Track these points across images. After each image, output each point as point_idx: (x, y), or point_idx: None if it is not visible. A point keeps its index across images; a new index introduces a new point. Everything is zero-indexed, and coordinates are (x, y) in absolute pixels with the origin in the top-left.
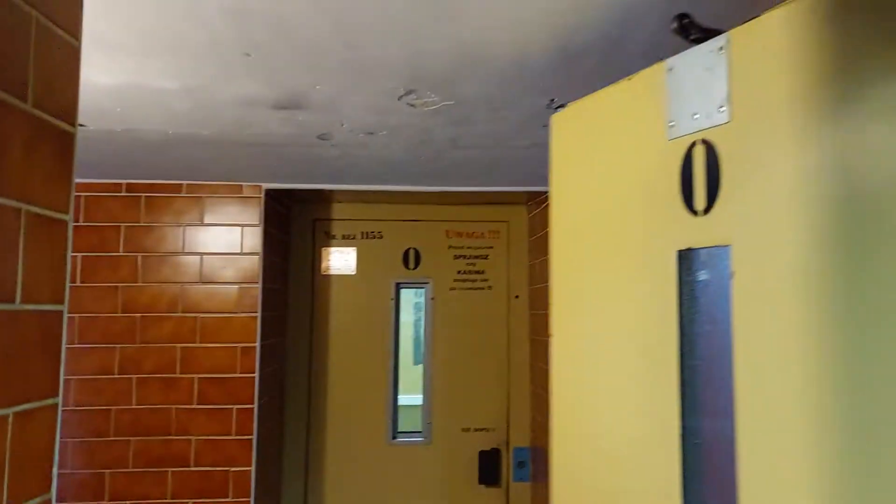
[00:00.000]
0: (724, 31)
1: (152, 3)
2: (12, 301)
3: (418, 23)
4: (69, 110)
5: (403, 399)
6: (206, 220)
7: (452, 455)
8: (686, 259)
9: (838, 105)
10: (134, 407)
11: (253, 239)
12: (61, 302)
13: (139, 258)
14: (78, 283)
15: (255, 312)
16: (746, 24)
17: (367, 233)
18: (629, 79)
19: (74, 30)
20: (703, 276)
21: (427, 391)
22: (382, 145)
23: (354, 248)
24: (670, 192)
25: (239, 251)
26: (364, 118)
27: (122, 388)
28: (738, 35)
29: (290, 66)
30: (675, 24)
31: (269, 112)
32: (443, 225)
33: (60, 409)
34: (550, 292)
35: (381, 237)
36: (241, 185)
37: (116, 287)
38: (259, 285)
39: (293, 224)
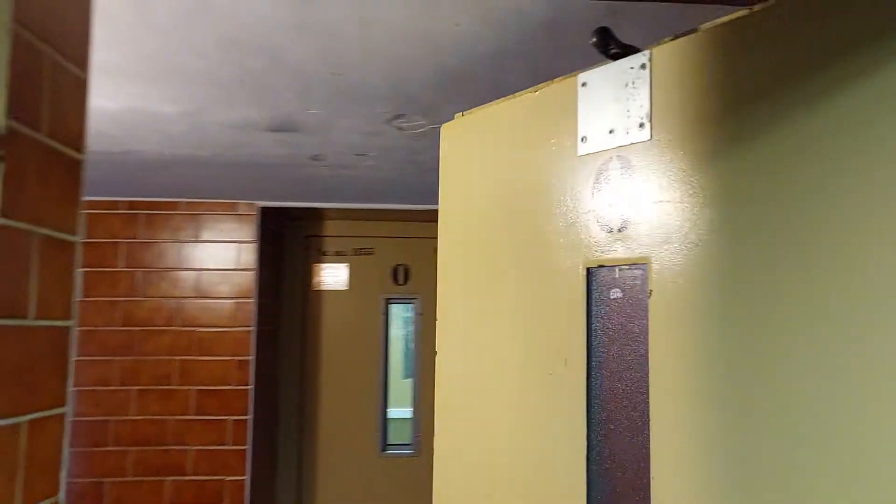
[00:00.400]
0: (639, 49)
1: (153, 35)
2: (25, 317)
3: (401, 53)
4: (78, 138)
5: (393, 412)
6: (203, 237)
7: None
8: (596, 276)
9: (751, 132)
10: (132, 417)
11: (248, 255)
12: (70, 318)
13: (138, 273)
14: (79, 298)
15: (250, 327)
16: (672, 42)
17: (358, 249)
18: (534, 91)
19: (83, 63)
20: (615, 293)
21: (416, 404)
22: (372, 165)
23: (346, 264)
24: (580, 208)
25: (234, 267)
26: (354, 140)
27: (121, 400)
28: (662, 53)
29: (282, 92)
30: (594, 39)
31: (263, 134)
32: (432, 242)
33: (68, 418)
34: (438, 308)
35: (372, 254)
36: (236, 203)
37: (116, 301)
38: (253, 300)
39: (286, 241)
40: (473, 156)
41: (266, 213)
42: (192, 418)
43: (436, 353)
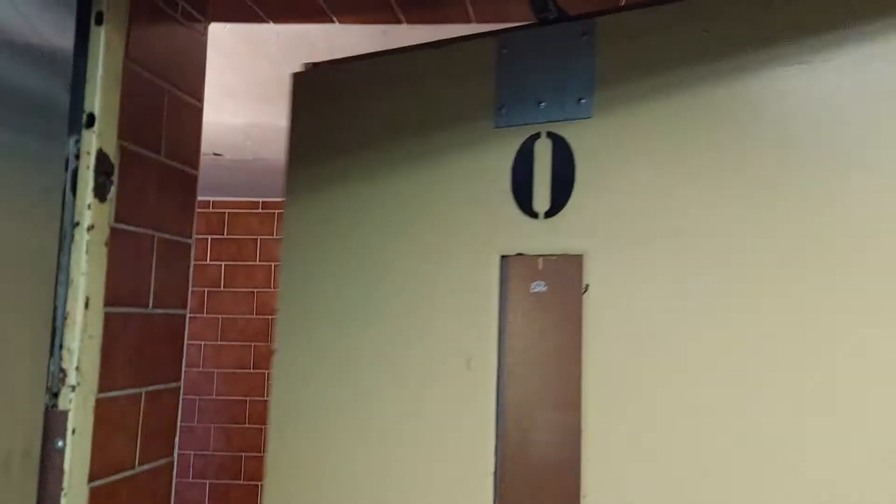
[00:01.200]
0: (577, 17)
1: (266, 63)
2: (146, 306)
3: None
4: (193, 157)
5: None
6: None
7: None
8: (513, 266)
9: (714, 116)
10: (266, 399)
11: None
12: (184, 307)
13: (272, 266)
14: (221, 288)
15: None
16: (625, 12)
17: None
18: (434, 46)
19: (198, 94)
20: (538, 287)
21: None
22: None
23: None
24: (495, 187)
25: None
26: None
27: (256, 382)
28: (611, 23)
29: None
30: None
31: None
32: None
33: (182, 392)
34: (279, 297)
35: None
36: None
37: (252, 292)
38: None
39: None
40: (341, 114)
41: None
42: None
43: (273, 351)
